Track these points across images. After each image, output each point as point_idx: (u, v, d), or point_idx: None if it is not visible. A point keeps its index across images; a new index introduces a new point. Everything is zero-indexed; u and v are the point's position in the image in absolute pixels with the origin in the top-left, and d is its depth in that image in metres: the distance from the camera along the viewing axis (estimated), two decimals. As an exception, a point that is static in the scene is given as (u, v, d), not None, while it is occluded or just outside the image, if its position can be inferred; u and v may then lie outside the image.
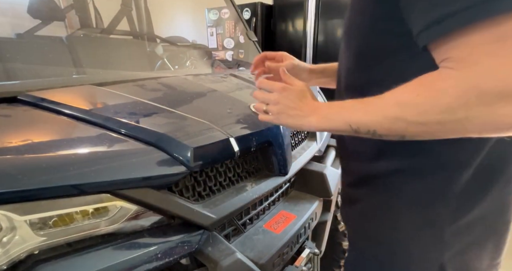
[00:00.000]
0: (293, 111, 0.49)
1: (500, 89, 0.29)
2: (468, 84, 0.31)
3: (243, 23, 1.51)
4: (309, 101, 0.49)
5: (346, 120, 0.42)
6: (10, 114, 0.59)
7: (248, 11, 3.07)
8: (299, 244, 0.80)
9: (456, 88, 0.31)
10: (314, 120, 0.46)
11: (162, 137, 0.54)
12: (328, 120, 0.45)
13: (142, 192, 0.49)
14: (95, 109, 0.62)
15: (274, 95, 0.51)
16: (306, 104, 0.48)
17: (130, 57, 1.35)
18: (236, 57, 2.81)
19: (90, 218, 0.45)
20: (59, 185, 0.41)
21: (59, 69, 0.98)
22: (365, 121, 0.40)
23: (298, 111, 0.49)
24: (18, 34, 1.17)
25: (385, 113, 0.38)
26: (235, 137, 0.62)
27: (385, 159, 0.46)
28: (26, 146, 0.46)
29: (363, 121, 0.40)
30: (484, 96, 0.30)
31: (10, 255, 0.39)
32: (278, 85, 0.52)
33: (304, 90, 0.50)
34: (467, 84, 0.31)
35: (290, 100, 0.50)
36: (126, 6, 1.53)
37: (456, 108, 0.32)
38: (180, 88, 0.87)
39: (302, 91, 0.50)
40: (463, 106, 0.31)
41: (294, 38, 2.97)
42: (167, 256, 0.49)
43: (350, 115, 0.41)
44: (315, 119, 0.46)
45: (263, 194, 0.72)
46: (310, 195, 0.92)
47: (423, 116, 0.34)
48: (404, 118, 0.36)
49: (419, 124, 0.35)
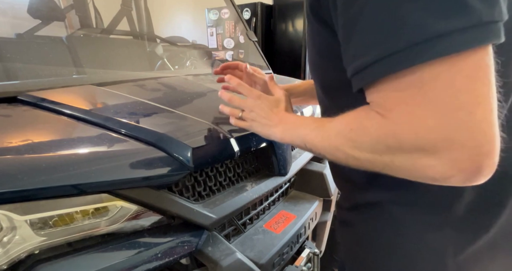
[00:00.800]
0: (264, 120, 0.50)
1: (413, 141, 0.28)
2: (386, 129, 0.31)
3: (243, 23, 1.52)
4: (280, 112, 0.49)
5: (302, 138, 0.43)
6: (10, 114, 0.59)
7: (248, 11, 3.07)
8: (299, 244, 0.80)
9: (377, 130, 0.31)
10: (279, 131, 0.47)
11: (162, 137, 0.54)
12: (289, 135, 0.46)
13: (142, 192, 0.49)
14: (95, 109, 0.62)
15: (249, 102, 0.52)
16: (276, 114, 0.49)
17: (130, 57, 1.35)
18: (236, 57, 2.81)
19: (90, 218, 0.45)
20: (59, 185, 0.41)
21: (59, 69, 0.98)
22: (316, 144, 0.40)
23: (268, 121, 0.49)
24: (18, 34, 1.17)
25: (329, 141, 0.38)
26: (235, 137, 0.62)
27: (376, 189, 0.44)
28: (26, 146, 0.46)
29: (314, 143, 0.40)
30: (401, 144, 0.30)
31: (10, 255, 0.39)
32: (255, 92, 0.52)
33: (279, 100, 0.51)
34: (385, 129, 0.31)
35: (262, 109, 0.50)
36: (126, 6, 1.53)
37: (380, 150, 0.32)
38: (180, 88, 0.87)
39: (277, 101, 0.51)
40: (386, 149, 0.31)
41: (294, 38, 2.97)
42: (167, 256, 0.49)
43: (306, 134, 0.42)
44: (279, 130, 0.47)
45: (263, 194, 0.72)
46: (310, 195, 0.92)
47: (356, 151, 0.34)
48: (342, 149, 0.36)
49: (354, 158, 0.35)
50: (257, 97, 0.51)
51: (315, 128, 0.41)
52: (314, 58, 0.45)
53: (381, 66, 0.29)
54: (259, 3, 3.01)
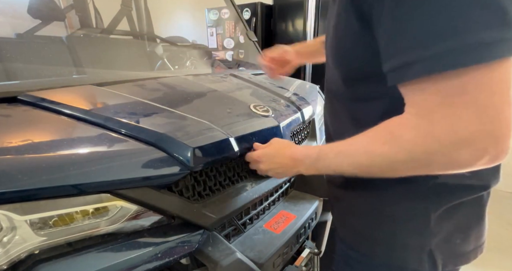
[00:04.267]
0: (277, 169, 0.59)
1: (451, 137, 0.32)
2: (425, 133, 0.33)
3: (243, 23, 1.52)
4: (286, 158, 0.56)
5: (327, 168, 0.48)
6: (10, 114, 0.59)
7: (248, 11, 3.07)
8: (299, 244, 0.80)
9: (415, 137, 0.34)
10: (302, 170, 0.53)
11: (162, 137, 0.54)
12: (313, 169, 0.51)
13: (142, 192, 0.49)
14: (95, 109, 0.62)
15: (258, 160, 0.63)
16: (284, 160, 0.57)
17: (130, 57, 1.35)
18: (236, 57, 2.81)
19: (90, 218, 0.45)
20: (59, 185, 0.41)
21: (59, 69, 0.98)
22: (345, 169, 0.44)
23: (281, 169, 0.58)
24: (18, 34, 1.17)
25: (358, 162, 0.41)
26: (235, 137, 0.62)
27: None
28: (26, 146, 0.45)
29: (342, 169, 0.44)
30: (440, 142, 0.32)
31: (10, 255, 0.39)
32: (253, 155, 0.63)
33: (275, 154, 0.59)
34: (424, 133, 0.33)
35: (267, 164, 0.60)
36: (126, 6, 1.53)
37: (418, 155, 0.35)
38: (180, 88, 0.87)
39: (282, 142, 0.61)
40: (423, 153, 0.34)
41: (294, 38, 2.97)
42: (167, 256, 0.49)
43: (329, 164, 0.46)
44: (302, 170, 0.53)
45: (263, 194, 0.72)
46: (310, 195, 0.92)
47: (391, 163, 0.37)
48: (375, 165, 0.39)
49: (390, 169, 0.38)
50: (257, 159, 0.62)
51: (336, 154, 0.45)
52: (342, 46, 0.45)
53: (428, 65, 0.31)
54: (259, 3, 3.01)
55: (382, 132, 0.38)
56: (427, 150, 0.33)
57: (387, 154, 0.37)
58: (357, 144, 0.41)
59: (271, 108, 0.81)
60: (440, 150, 0.33)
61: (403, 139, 0.35)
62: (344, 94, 0.49)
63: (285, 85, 1.15)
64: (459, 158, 0.33)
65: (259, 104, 0.81)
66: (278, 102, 0.90)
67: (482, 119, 0.30)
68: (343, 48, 0.45)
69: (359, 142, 0.41)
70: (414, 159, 0.35)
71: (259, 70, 1.44)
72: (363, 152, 0.39)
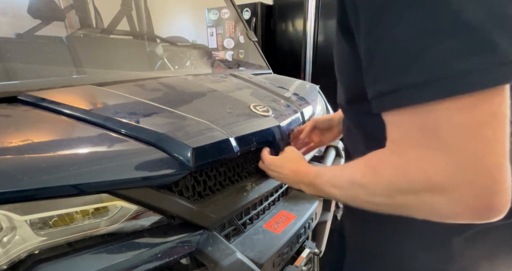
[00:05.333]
0: (283, 180, 0.61)
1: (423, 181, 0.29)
2: (400, 173, 0.31)
3: (243, 23, 1.52)
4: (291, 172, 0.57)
5: (325, 193, 0.45)
6: (10, 114, 0.59)
7: (248, 11, 3.07)
8: (299, 244, 0.80)
9: (392, 176, 0.32)
10: (304, 187, 0.52)
11: (162, 137, 0.54)
12: (312, 190, 0.50)
13: (142, 192, 0.49)
14: (95, 109, 0.62)
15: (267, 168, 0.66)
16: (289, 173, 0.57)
17: (130, 57, 1.35)
18: (236, 57, 2.81)
19: (90, 218, 0.45)
20: (59, 185, 0.41)
21: (59, 69, 0.98)
22: (338, 197, 0.42)
23: (286, 180, 0.59)
24: (18, 34, 1.17)
25: (345, 190, 0.40)
26: (235, 137, 0.62)
27: None
28: (26, 146, 0.45)
29: (336, 196, 0.43)
30: (412, 184, 0.30)
31: (10, 255, 0.39)
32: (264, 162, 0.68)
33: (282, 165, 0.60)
34: (399, 173, 0.31)
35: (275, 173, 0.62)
36: (126, 6, 1.53)
37: (394, 195, 0.32)
38: (180, 88, 0.87)
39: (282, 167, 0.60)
40: (399, 194, 0.32)
41: (294, 38, 2.97)
42: (167, 256, 0.49)
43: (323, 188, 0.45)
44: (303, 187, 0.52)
45: (263, 194, 0.72)
46: (310, 195, 0.92)
47: (371, 197, 0.35)
48: (358, 197, 0.37)
49: (371, 203, 0.36)
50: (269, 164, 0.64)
51: (328, 179, 0.44)
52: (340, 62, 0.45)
53: (398, 97, 0.28)
54: (259, 3, 3.00)
55: (365, 164, 0.37)
56: (402, 191, 0.31)
57: (368, 186, 0.35)
58: (346, 171, 0.40)
59: (271, 108, 0.81)
60: (414, 195, 0.30)
61: (381, 176, 0.33)
62: (352, 111, 0.49)
63: (285, 85, 1.15)
64: (435, 207, 0.29)
65: (259, 104, 0.81)
66: (278, 102, 0.90)
67: (457, 165, 0.26)
68: (341, 68, 0.45)
69: (347, 169, 0.40)
70: (392, 197, 0.33)
71: (259, 70, 1.44)
72: (348, 180, 0.38)
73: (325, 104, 1.24)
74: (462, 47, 0.24)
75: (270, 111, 0.79)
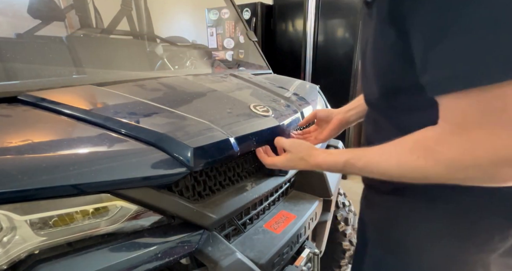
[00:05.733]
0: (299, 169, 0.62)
1: (491, 157, 0.31)
2: (463, 150, 0.33)
3: (243, 23, 1.52)
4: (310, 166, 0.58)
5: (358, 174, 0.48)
6: (10, 114, 0.58)
7: (248, 11, 3.07)
8: (299, 244, 0.80)
9: (453, 153, 0.34)
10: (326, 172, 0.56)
11: (162, 137, 0.54)
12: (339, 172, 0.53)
13: (142, 192, 0.49)
14: (95, 109, 0.62)
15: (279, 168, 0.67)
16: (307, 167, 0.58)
17: (130, 57, 1.35)
18: (236, 57, 2.81)
19: (90, 218, 0.45)
20: (59, 185, 0.41)
21: (59, 69, 0.98)
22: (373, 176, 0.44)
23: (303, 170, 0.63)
24: (18, 34, 1.17)
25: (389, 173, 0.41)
26: (235, 137, 0.62)
27: None
28: (26, 146, 0.45)
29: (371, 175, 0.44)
30: (479, 162, 0.32)
31: (10, 255, 0.39)
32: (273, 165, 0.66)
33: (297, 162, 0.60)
34: (462, 150, 0.33)
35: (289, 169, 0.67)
36: (126, 6, 1.53)
37: (455, 171, 0.34)
38: (180, 88, 0.87)
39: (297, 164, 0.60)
40: (461, 169, 0.34)
41: (294, 38, 2.97)
42: (167, 256, 0.49)
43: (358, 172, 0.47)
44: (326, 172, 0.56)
45: (263, 194, 0.72)
46: (310, 195, 0.92)
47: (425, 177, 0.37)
48: (407, 177, 0.39)
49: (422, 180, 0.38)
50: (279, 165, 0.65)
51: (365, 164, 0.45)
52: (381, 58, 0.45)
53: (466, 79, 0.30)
54: (259, 3, 3.00)
55: (415, 145, 0.38)
56: (465, 167, 0.33)
57: (423, 168, 0.36)
58: (388, 156, 0.41)
59: (271, 108, 0.81)
60: (479, 168, 0.32)
61: (440, 155, 0.35)
62: (386, 106, 0.49)
63: (285, 85, 1.15)
64: (499, 176, 0.32)
65: (259, 104, 0.81)
66: (278, 102, 0.90)
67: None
68: (382, 60, 0.44)
69: (390, 153, 0.40)
70: (451, 174, 0.35)
71: (259, 70, 1.44)
72: (395, 164, 0.39)
73: (325, 104, 1.24)
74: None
75: (270, 111, 0.79)
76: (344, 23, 2.52)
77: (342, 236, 1.22)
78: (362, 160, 0.45)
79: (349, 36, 2.51)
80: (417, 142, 0.38)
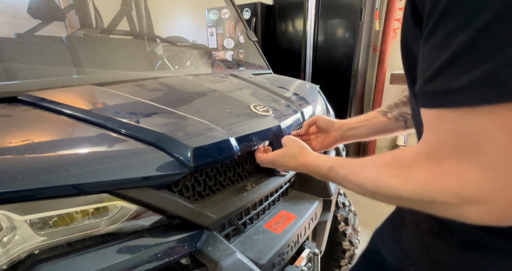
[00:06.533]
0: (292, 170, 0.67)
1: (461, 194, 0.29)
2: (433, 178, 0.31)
3: (243, 23, 1.52)
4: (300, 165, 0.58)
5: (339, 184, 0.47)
6: (10, 114, 0.58)
7: (248, 11, 3.07)
8: (299, 244, 0.80)
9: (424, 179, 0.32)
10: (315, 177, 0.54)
11: (162, 137, 0.54)
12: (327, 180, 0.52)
13: (142, 192, 0.49)
14: (95, 109, 0.62)
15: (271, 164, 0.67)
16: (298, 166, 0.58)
17: (130, 57, 1.35)
18: (236, 57, 2.81)
19: (90, 218, 0.45)
20: (59, 185, 0.41)
21: (59, 69, 0.98)
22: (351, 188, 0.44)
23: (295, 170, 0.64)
24: (18, 34, 1.17)
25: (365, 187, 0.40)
26: (235, 137, 0.62)
27: None
28: (26, 146, 0.45)
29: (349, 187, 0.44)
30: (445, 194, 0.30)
31: (10, 255, 0.39)
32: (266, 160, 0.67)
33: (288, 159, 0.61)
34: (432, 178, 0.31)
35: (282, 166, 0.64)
36: (126, 6, 1.53)
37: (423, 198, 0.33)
38: (180, 88, 0.87)
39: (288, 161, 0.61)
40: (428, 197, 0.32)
41: (294, 38, 2.97)
42: (167, 256, 0.49)
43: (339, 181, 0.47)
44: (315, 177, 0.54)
45: (263, 194, 0.72)
46: (310, 195, 0.92)
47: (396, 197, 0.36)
48: (380, 194, 0.38)
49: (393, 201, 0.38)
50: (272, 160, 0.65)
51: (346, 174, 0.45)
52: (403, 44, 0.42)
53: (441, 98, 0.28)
54: (259, 3, 3.00)
55: (394, 164, 0.37)
56: (432, 196, 0.31)
57: (395, 187, 0.35)
58: (368, 169, 0.40)
59: (271, 108, 0.81)
60: (444, 201, 0.31)
61: (412, 178, 0.33)
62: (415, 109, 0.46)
63: (285, 85, 1.15)
64: (461, 212, 0.30)
65: (259, 104, 0.81)
66: (278, 102, 0.90)
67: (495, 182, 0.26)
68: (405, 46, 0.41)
69: (370, 168, 0.40)
70: (420, 200, 0.33)
71: (259, 70, 1.44)
72: (372, 179, 0.39)
73: (325, 104, 1.24)
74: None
75: (270, 111, 0.79)
76: (344, 23, 2.51)
77: (342, 236, 1.22)
78: (346, 169, 0.44)
79: (349, 36, 2.51)
80: (396, 160, 0.37)
